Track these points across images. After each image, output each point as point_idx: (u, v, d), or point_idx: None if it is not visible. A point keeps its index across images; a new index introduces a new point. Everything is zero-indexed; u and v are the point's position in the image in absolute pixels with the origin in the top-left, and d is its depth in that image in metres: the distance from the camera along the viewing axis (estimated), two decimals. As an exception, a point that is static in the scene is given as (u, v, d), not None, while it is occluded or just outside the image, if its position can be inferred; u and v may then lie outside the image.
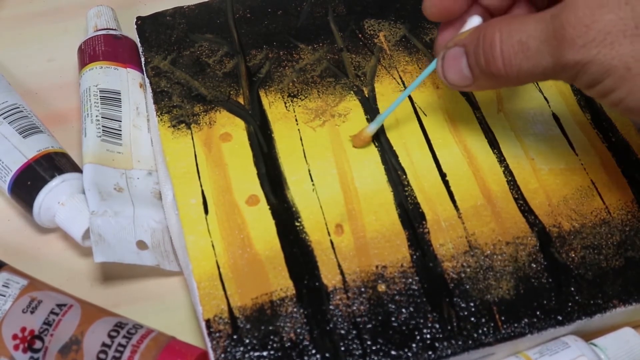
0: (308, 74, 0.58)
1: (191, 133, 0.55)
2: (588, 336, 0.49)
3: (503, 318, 0.47)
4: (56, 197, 0.53)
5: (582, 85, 0.42)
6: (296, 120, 0.55)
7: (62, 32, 0.67)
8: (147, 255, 0.52)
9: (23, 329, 0.48)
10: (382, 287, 0.49)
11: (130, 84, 0.59)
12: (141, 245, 0.52)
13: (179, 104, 0.56)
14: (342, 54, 0.59)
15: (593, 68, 0.40)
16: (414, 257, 0.50)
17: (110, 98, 0.57)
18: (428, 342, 0.47)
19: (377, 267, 0.49)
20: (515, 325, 0.47)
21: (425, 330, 0.47)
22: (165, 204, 0.54)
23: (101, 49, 0.60)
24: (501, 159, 0.54)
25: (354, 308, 0.48)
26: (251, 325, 0.47)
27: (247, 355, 0.46)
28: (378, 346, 0.46)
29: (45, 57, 0.66)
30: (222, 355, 0.46)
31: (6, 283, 0.49)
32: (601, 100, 0.42)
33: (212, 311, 0.48)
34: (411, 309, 0.48)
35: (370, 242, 0.50)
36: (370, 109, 0.56)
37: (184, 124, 0.55)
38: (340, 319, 0.47)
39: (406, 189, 0.52)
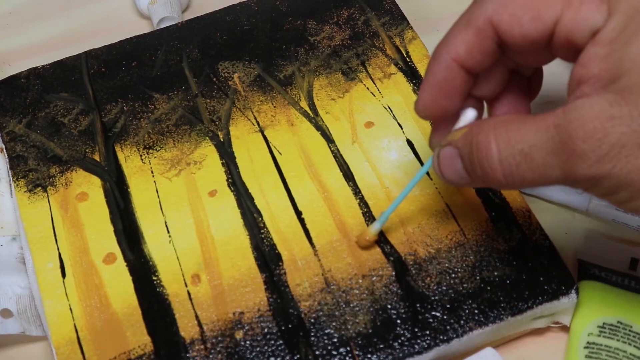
0: (163, 123, 0.58)
1: (47, 196, 0.54)
2: (451, 360, 0.49)
3: (360, 353, 0.47)
4: None
5: (596, 194, 0.40)
6: (152, 172, 0.55)
7: None
8: (11, 324, 0.52)
9: None
10: (239, 334, 0.49)
11: (-11, 151, 0.58)
12: (6, 313, 0.52)
13: (34, 167, 0.56)
14: (197, 100, 0.59)
15: (608, 182, 0.38)
16: (271, 300, 0.50)
17: (-32, 167, 0.57)
18: (284, 386, 0.47)
19: (234, 314, 0.49)
20: (372, 359, 0.47)
21: (283, 374, 0.47)
22: (28, 269, 0.53)
23: (-43, 118, 0.59)
24: (356, 191, 0.54)
25: (211, 358, 0.48)
26: (109, 387, 0.47)
27: (103, 420, 0.46)
28: (234, 396, 0.46)
29: None
30: (78, 422, 0.46)
31: None
32: (614, 204, 0.40)
33: (71, 377, 0.47)
34: (269, 353, 0.48)
35: (227, 290, 0.50)
36: (226, 153, 0.56)
37: (40, 187, 0.55)
38: (197, 372, 0.47)
39: (262, 231, 0.52)
